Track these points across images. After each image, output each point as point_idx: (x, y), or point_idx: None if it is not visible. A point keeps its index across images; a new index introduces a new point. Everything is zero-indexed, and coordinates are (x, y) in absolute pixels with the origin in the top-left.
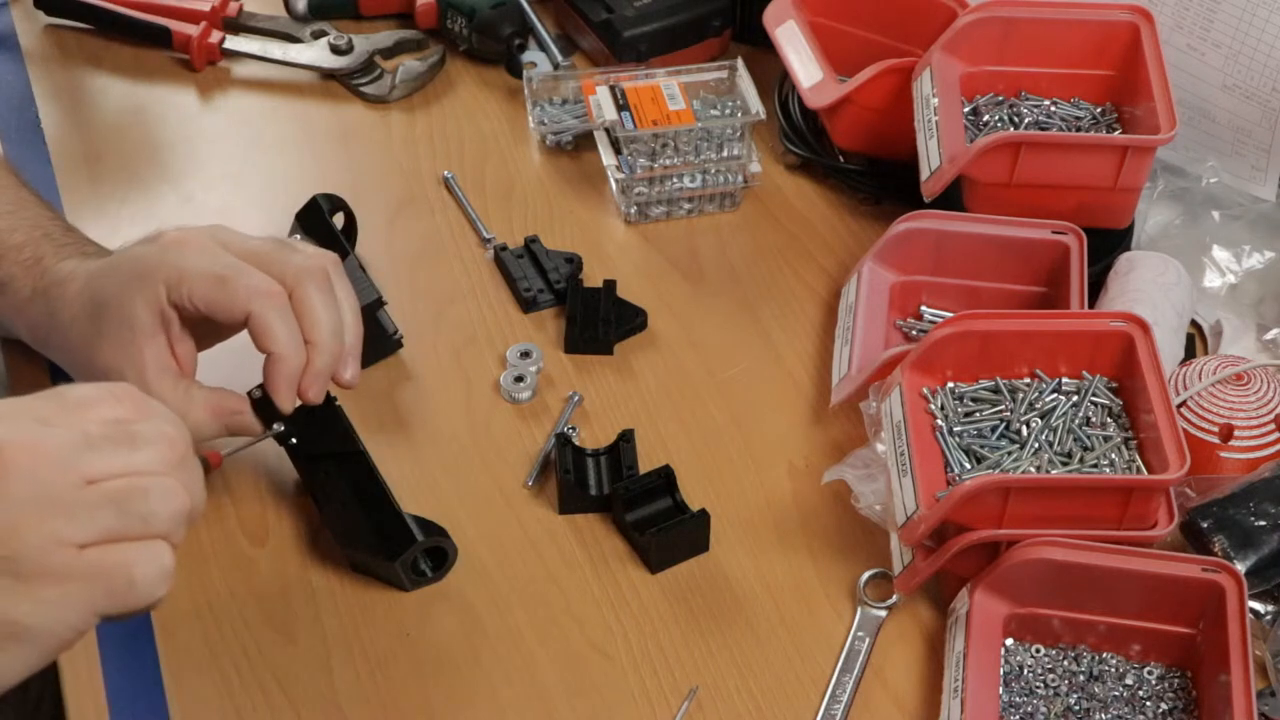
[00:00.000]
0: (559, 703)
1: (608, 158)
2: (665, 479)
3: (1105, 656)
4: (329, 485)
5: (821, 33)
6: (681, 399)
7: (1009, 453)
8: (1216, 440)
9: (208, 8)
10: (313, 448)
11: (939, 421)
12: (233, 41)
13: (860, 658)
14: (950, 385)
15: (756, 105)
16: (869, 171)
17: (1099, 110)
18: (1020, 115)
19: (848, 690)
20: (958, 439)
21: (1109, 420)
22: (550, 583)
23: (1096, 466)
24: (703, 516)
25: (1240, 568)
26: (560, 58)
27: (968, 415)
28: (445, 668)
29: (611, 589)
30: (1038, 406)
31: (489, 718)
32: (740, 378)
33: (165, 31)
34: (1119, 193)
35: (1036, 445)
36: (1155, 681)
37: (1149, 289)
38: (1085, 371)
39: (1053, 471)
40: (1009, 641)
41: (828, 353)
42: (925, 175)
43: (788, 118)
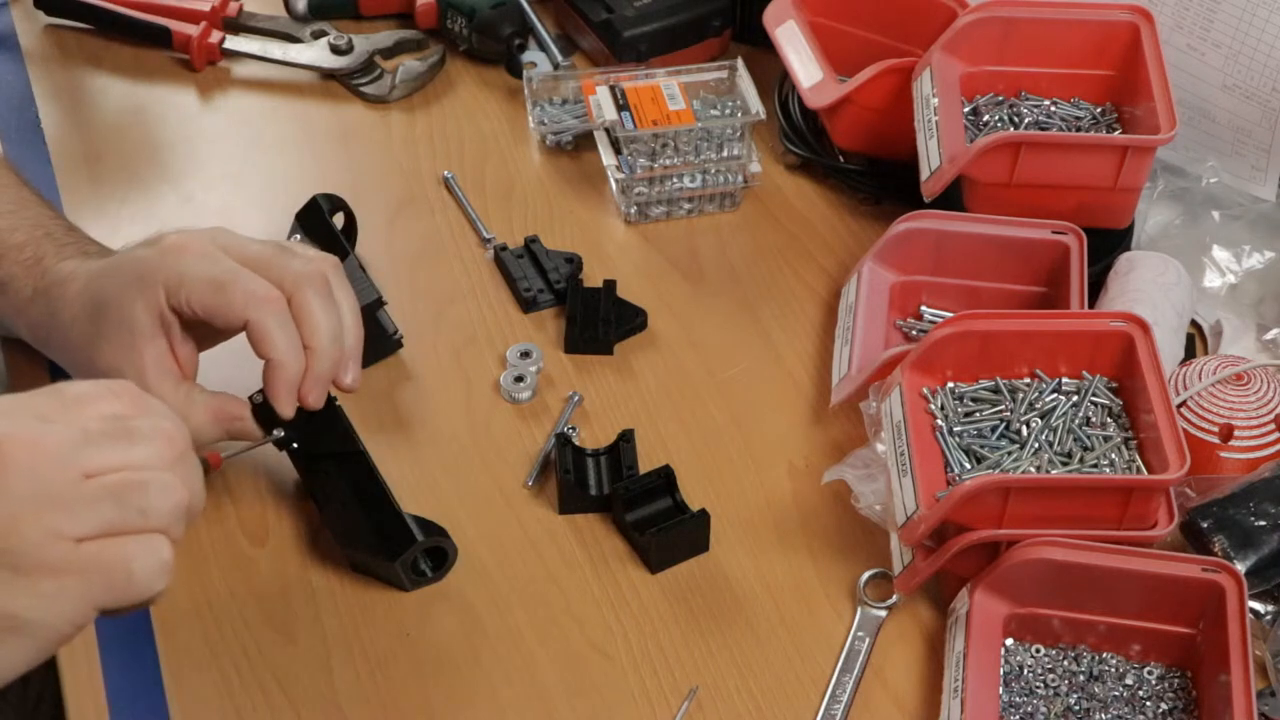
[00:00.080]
0: (559, 703)
1: (608, 158)
2: (665, 479)
3: (1105, 656)
4: (329, 485)
5: (821, 33)
6: (681, 399)
7: (1009, 453)
8: (1216, 440)
9: (208, 8)
10: (313, 448)
11: (939, 421)
12: (233, 41)
13: (860, 658)
14: (950, 385)
15: (756, 105)
16: (869, 171)
17: (1099, 110)
18: (1020, 115)
19: (848, 690)
20: (958, 439)
21: (1109, 420)
22: (550, 583)
23: (1096, 466)
24: (703, 516)
25: (1240, 568)
26: (560, 58)
27: (968, 415)
28: (445, 668)
29: (611, 589)
30: (1038, 406)
31: (489, 718)
32: (740, 378)
33: (165, 31)
34: (1119, 193)
35: (1036, 445)
36: (1155, 681)
37: (1149, 289)
38: (1085, 371)
39: (1053, 471)
40: (1009, 641)
41: (828, 353)
42: (925, 175)
43: (788, 118)
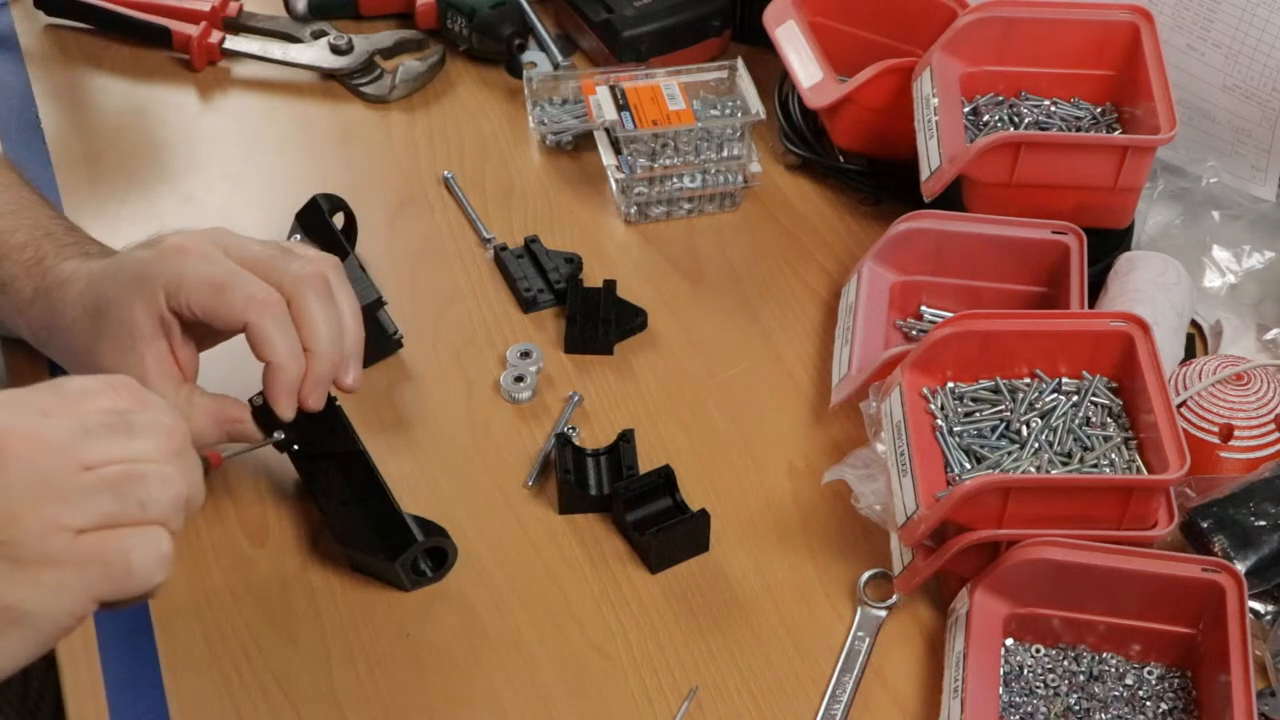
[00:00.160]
0: (559, 703)
1: (608, 158)
2: (665, 479)
3: (1105, 656)
4: (329, 485)
5: (821, 33)
6: (681, 399)
7: (1009, 453)
8: (1216, 440)
9: (208, 8)
10: (313, 448)
11: (939, 421)
12: (233, 41)
13: (860, 658)
14: (950, 385)
15: (756, 105)
16: (869, 171)
17: (1099, 110)
18: (1020, 115)
19: (848, 690)
20: (958, 439)
21: (1109, 420)
22: (550, 583)
23: (1096, 466)
24: (703, 516)
25: (1240, 568)
26: (560, 58)
27: (968, 415)
28: (445, 668)
29: (611, 589)
30: (1038, 406)
31: (489, 718)
32: (740, 378)
33: (165, 31)
34: (1119, 193)
35: (1036, 445)
36: (1155, 681)
37: (1149, 289)
38: (1085, 371)
39: (1053, 471)
40: (1009, 641)
41: (828, 353)
42: (925, 175)
43: (788, 118)
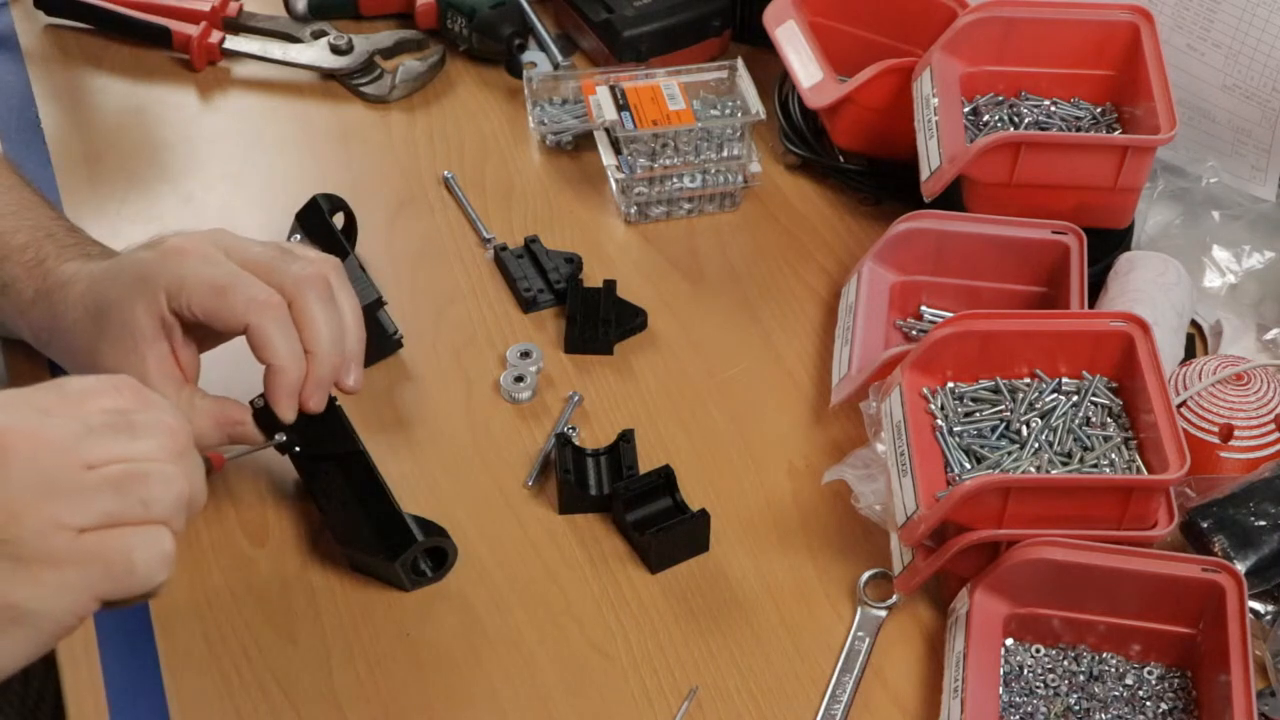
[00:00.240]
0: (559, 703)
1: (608, 158)
2: (665, 479)
3: (1105, 656)
4: (329, 485)
5: (821, 33)
6: (681, 399)
7: (1009, 453)
8: (1216, 440)
9: (208, 8)
10: (313, 448)
11: (939, 421)
12: (233, 41)
13: (860, 658)
14: (950, 385)
15: (756, 105)
16: (869, 171)
17: (1099, 110)
18: (1020, 115)
19: (848, 690)
20: (958, 439)
21: (1109, 420)
22: (550, 583)
23: (1096, 466)
24: (703, 516)
25: (1240, 568)
26: (560, 58)
27: (968, 415)
28: (445, 668)
29: (611, 589)
30: (1038, 406)
31: (489, 718)
32: (740, 378)
33: (165, 31)
34: (1119, 193)
35: (1036, 445)
36: (1155, 681)
37: (1149, 289)
38: (1085, 371)
39: (1053, 471)
40: (1009, 641)
41: (828, 353)
42: (925, 175)
43: (788, 118)
